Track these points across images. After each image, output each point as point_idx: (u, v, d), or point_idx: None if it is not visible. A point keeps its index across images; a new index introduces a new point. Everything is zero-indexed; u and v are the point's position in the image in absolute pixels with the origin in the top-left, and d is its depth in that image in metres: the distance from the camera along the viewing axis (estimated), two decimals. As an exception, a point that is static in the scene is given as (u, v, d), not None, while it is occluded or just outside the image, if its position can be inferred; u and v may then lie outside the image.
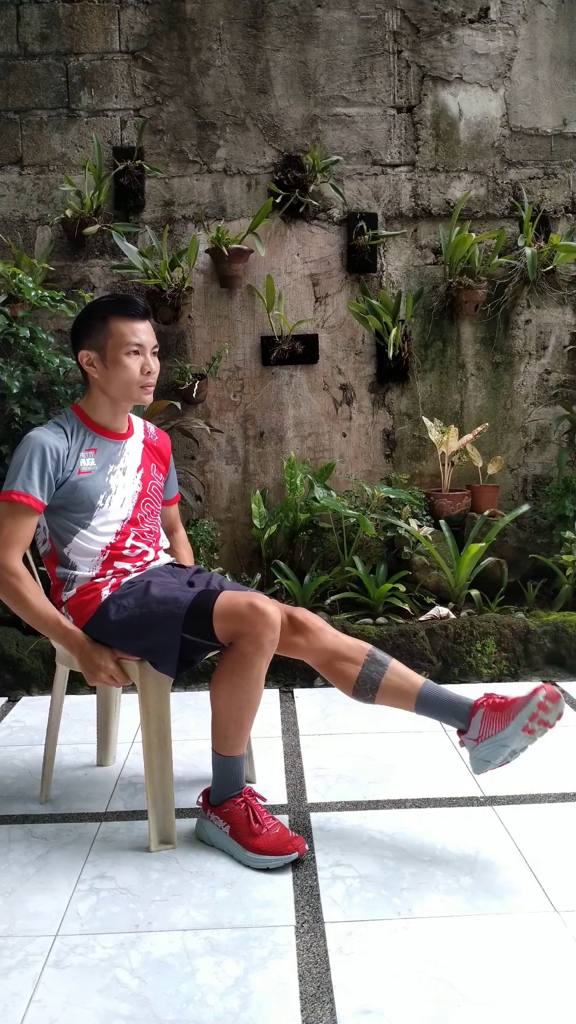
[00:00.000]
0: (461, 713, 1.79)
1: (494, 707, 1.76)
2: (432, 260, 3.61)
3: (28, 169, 3.50)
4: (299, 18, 3.49)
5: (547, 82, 3.58)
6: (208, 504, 3.64)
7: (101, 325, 1.91)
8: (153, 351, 1.95)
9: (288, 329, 3.51)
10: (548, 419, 3.68)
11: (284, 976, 1.41)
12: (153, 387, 1.96)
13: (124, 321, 1.90)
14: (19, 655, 2.88)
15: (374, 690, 1.84)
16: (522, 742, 1.72)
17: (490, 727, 1.74)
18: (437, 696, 1.83)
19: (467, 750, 1.81)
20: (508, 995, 1.35)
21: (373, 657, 1.86)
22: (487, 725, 1.75)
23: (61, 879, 1.72)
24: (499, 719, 1.74)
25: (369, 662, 1.85)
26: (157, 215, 3.53)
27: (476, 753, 1.77)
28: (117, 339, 1.90)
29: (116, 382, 1.92)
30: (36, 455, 1.83)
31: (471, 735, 1.78)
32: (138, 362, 1.92)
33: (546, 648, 2.95)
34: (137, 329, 1.91)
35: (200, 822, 1.87)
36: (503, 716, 1.74)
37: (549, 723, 1.71)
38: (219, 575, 2.06)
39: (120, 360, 1.90)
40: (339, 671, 1.86)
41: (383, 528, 3.31)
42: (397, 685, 1.84)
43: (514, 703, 1.74)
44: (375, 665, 1.85)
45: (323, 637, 1.88)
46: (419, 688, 1.83)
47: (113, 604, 1.84)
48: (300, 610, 1.91)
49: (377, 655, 1.87)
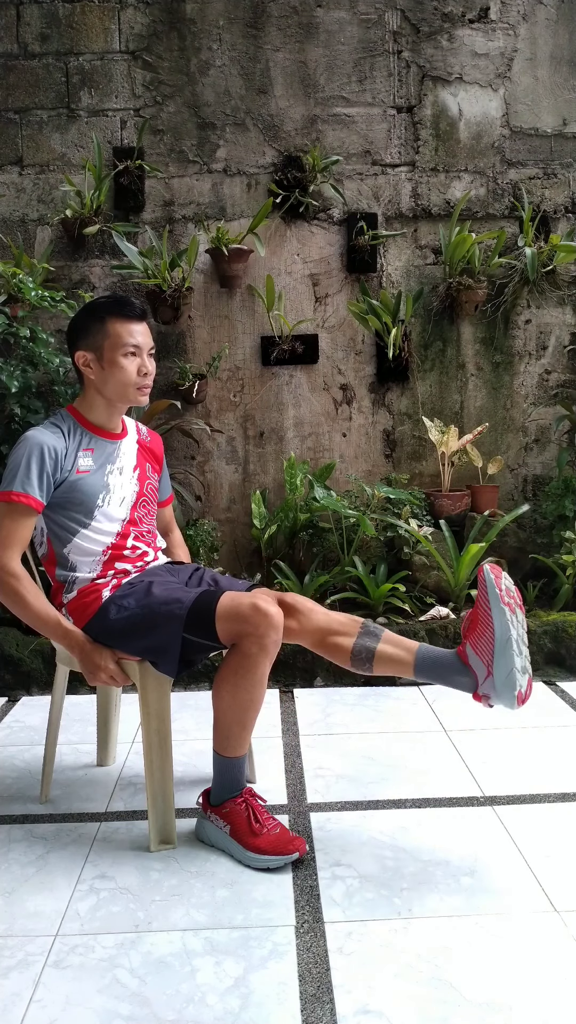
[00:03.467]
0: (458, 666, 1.76)
1: (469, 633, 1.75)
2: (432, 260, 3.61)
3: (28, 169, 3.50)
4: (299, 18, 3.49)
5: (547, 82, 3.58)
6: (208, 504, 3.64)
7: (98, 326, 1.90)
8: (150, 352, 1.95)
9: (288, 329, 3.51)
10: (548, 419, 3.68)
11: (284, 976, 1.41)
12: (149, 389, 1.96)
13: (121, 322, 1.90)
14: (19, 655, 2.88)
15: (370, 659, 1.83)
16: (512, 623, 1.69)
17: (484, 647, 1.70)
18: (435, 658, 1.80)
19: (494, 697, 1.72)
20: (508, 995, 1.35)
21: (367, 628, 1.86)
22: (481, 648, 1.71)
23: (61, 879, 1.72)
24: (482, 632, 1.71)
25: (363, 633, 1.85)
26: (157, 215, 3.53)
27: (498, 682, 1.68)
28: (114, 340, 1.89)
29: (112, 383, 1.92)
30: (34, 455, 1.83)
31: (481, 677, 1.71)
32: (135, 363, 1.91)
33: (546, 648, 2.95)
34: (134, 330, 1.91)
35: (200, 822, 1.87)
36: (483, 627, 1.71)
37: (511, 590, 1.73)
38: (218, 573, 2.06)
39: (117, 361, 1.90)
40: (334, 644, 1.86)
41: (383, 528, 3.31)
42: (392, 652, 1.83)
43: (476, 609, 1.74)
44: (369, 636, 1.85)
45: (314, 617, 1.88)
46: (415, 652, 1.82)
47: (114, 605, 1.84)
48: (289, 594, 1.93)
49: (370, 626, 1.87)
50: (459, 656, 1.77)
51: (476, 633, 1.73)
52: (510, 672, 1.67)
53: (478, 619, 1.73)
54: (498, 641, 1.69)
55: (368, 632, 1.86)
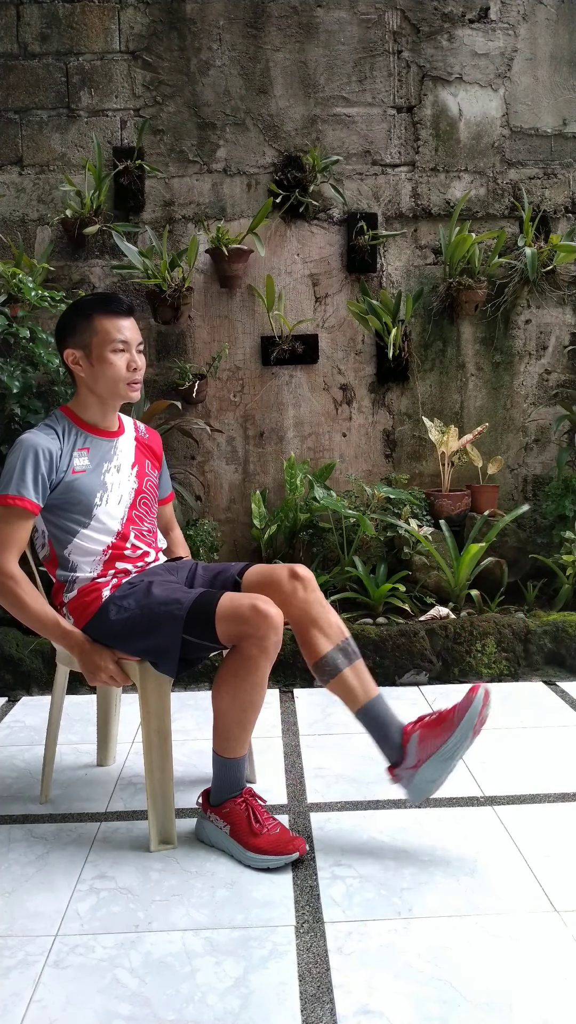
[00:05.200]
0: (394, 741, 1.78)
1: (428, 726, 1.76)
2: (432, 260, 3.61)
3: (28, 169, 3.50)
4: (299, 18, 3.49)
5: (547, 82, 3.58)
6: (208, 504, 3.64)
7: (86, 323, 1.90)
8: (139, 348, 1.95)
9: (288, 329, 3.51)
10: (548, 419, 3.68)
11: (284, 976, 1.41)
12: (140, 384, 1.96)
13: (109, 318, 1.90)
14: (19, 655, 2.88)
15: (333, 675, 1.83)
16: (465, 747, 1.72)
17: (429, 746, 1.73)
18: (382, 717, 1.81)
19: (403, 784, 1.78)
20: (508, 995, 1.35)
21: (347, 645, 1.85)
22: (424, 746, 1.74)
23: (61, 879, 1.72)
24: (438, 734, 1.73)
25: (340, 648, 1.84)
26: (157, 215, 3.53)
27: (417, 779, 1.74)
28: (102, 336, 1.89)
29: (103, 380, 1.92)
30: (29, 458, 1.83)
31: (407, 764, 1.76)
32: (124, 359, 1.91)
33: (546, 648, 2.95)
34: (122, 326, 1.91)
35: (200, 822, 1.87)
36: (442, 730, 1.73)
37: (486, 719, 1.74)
38: (213, 564, 2.06)
39: (106, 357, 1.90)
40: (311, 640, 1.85)
41: (383, 528, 3.31)
42: (352, 684, 1.82)
43: (451, 713, 1.74)
44: (344, 654, 1.84)
45: (311, 596, 1.87)
46: (371, 698, 1.82)
47: (114, 605, 1.84)
48: (300, 566, 1.92)
49: (351, 646, 1.86)
50: (403, 732, 1.78)
51: (432, 731, 1.74)
52: (433, 781, 1.74)
53: (443, 721, 1.74)
54: (443, 752, 1.72)
55: (345, 650, 1.85)
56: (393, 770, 1.79)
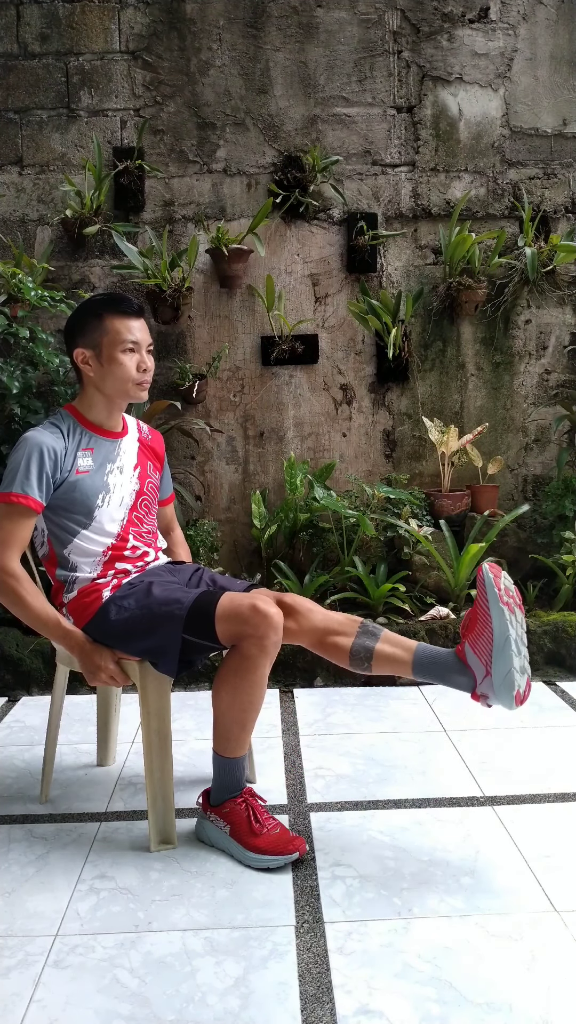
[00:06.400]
0: (456, 666, 1.75)
1: (468, 632, 1.74)
2: (432, 260, 3.61)
3: (28, 169, 3.50)
4: (299, 18, 3.49)
5: (547, 82, 3.58)
6: (208, 504, 3.64)
7: (96, 323, 1.90)
8: (148, 349, 1.95)
9: (288, 329, 3.51)
10: (548, 419, 3.68)
11: (284, 976, 1.41)
12: (149, 384, 1.96)
13: (119, 318, 1.90)
14: (19, 655, 2.88)
15: (369, 658, 1.82)
16: (511, 622, 1.68)
17: (482, 646, 1.69)
18: (433, 658, 1.79)
19: (492, 697, 1.71)
20: (508, 995, 1.35)
21: (365, 628, 1.86)
22: (479, 650, 1.70)
23: (61, 879, 1.72)
24: (480, 632, 1.70)
25: (361, 633, 1.85)
26: (157, 215, 3.53)
27: (496, 680, 1.67)
28: (113, 336, 1.89)
29: (112, 380, 1.91)
30: (34, 456, 1.83)
31: (480, 675, 1.70)
32: (134, 359, 1.92)
33: (546, 648, 2.95)
34: (132, 326, 1.91)
35: (200, 822, 1.87)
36: (481, 627, 1.71)
37: (510, 589, 1.72)
38: (219, 574, 2.06)
39: (116, 358, 1.90)
40: (333, 644, 1.85)
41: (383, 528, 3.31)
42: (391, 652, 1.82)
43: (476, 607, 1.73)
44: (367, 635, 1.84)
45: (313, 617, 1.88)
46: (414, 651, 1.81)
47: (114, 605, 1.84)
48: (288, 594, 1.92)
49: (369, 626, 1.87)
50: (458, 655, 1.76)
51: (475, 632, 1.73)
52: (508, 672, 1.66)
53: (477, 618, 1.73)
54: (496, 641, 1.68)
55: (367, 631, 1.86)
56: (475, 694, 1.73)
